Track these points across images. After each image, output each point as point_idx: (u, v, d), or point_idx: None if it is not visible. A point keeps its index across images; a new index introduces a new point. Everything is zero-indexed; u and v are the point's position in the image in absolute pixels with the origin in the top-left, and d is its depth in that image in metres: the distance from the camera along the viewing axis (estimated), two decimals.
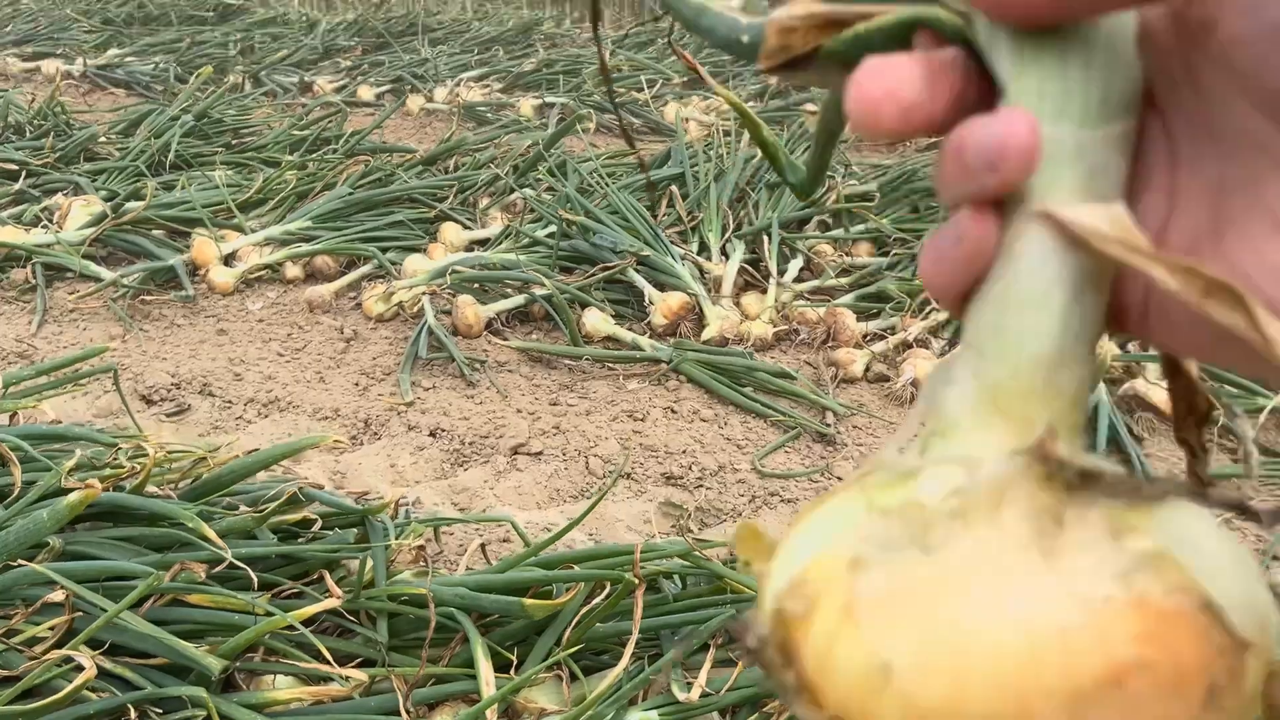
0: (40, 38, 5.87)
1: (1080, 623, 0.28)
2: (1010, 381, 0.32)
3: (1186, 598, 0.29)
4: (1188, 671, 0.28)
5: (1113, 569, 0.29)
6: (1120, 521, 0.30)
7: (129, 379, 2.42)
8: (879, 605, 0.29)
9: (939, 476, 0.31)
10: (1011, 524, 0.29)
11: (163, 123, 3.74)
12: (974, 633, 0.28)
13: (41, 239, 2.94)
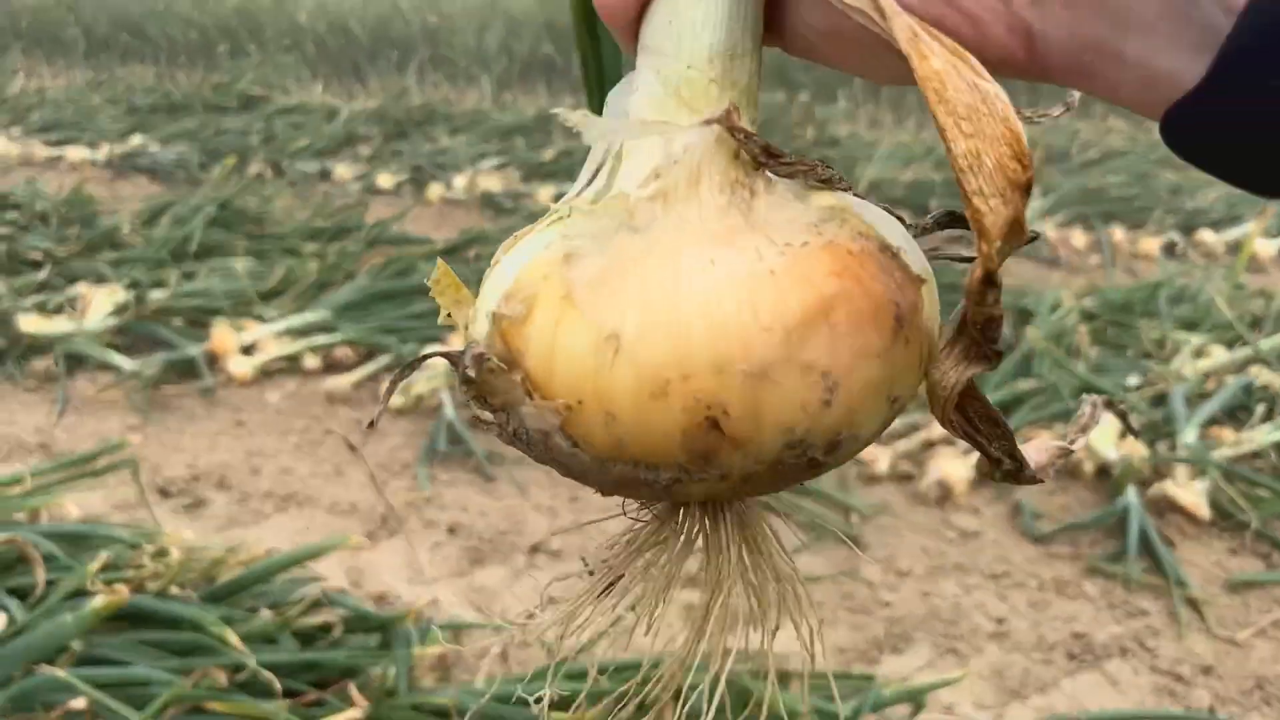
0: (66, 125, 5.98)
1: (784, 266, 0.30)
2: (691, 73, 0.32)
3: (869, 241, 0.32)
4: (879, 302, 0.31)
5: (804, 221, 0.31)
6: (801, 192, 0.33)
7: (147, 470, 2.40)
8: (597, 285, 0.30)
9: (635, 166, 0.32)
10: (709, 196, 0.31)
11: (186, 212, 3.78)
12: (691, 290, 0.29)
13: (64, 328, 2.96)
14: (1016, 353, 2.69)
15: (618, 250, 0.30)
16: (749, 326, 0.29)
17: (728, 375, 0.29)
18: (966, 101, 0.29)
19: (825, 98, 7.05)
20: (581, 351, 0.30)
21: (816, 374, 0.30)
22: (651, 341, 0.29)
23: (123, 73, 8.30)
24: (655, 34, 0.33)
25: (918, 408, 2.57)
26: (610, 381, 0.30)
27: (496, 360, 0.31)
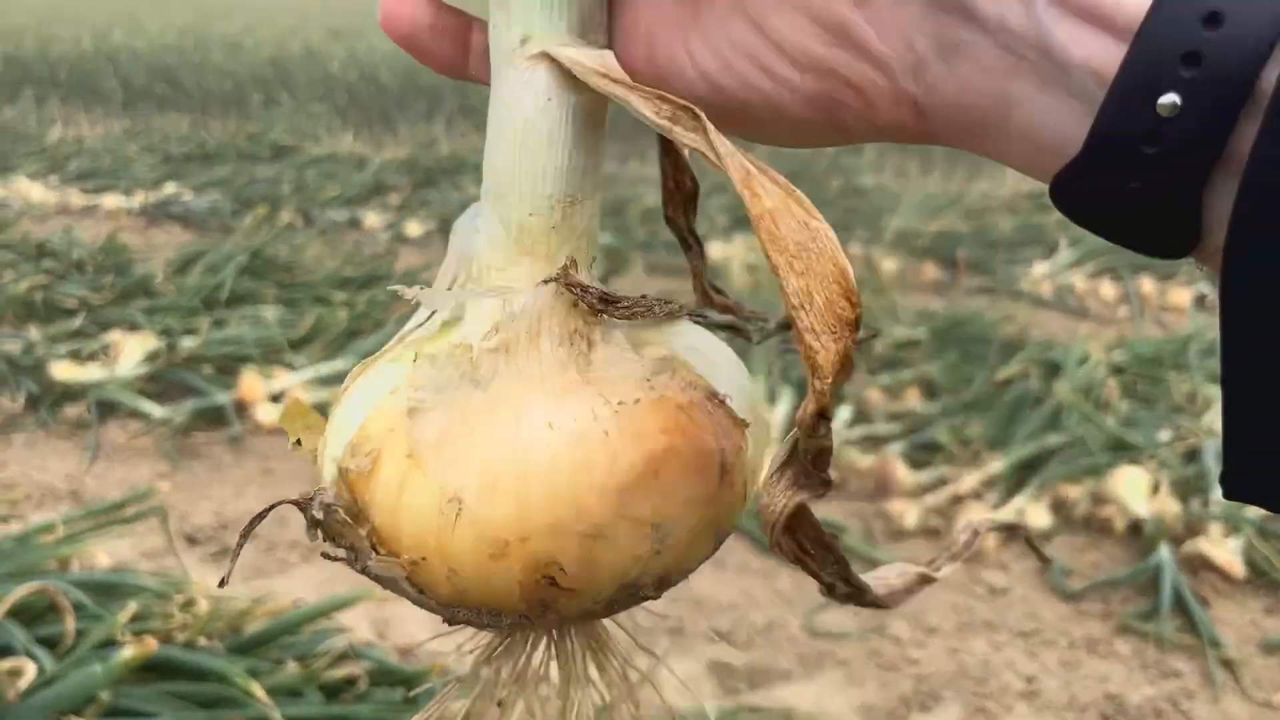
0: (102, 173, 6.10)
1: (617, 426, 0.31)
2: (533, 221, 0.34)
3: (697, 392, 0.33)
4: (705, 452, 0.33)
5: (637, 375, 0.33)
6: (639, 337, 0.34)
7: (175, 518, 2.42)
8: (440, 444, 0.31)
9: (479, 315, 0.33)
10: (549, 349, 0.33)
11: (218, 260, 3.84)
12: (530, 451, 0.31)
13: (97, 375, 2.99)
14: (1045, 407, 2.68)
15: (460, 406, 0.32)
16: (584, 489, 0.31)
17: (564, 537, 0.31)
18: (797, 240, 0.30)
19: (851, 149, 7.09)
20: (425, 512, 0.31)
21: (647, 527, 0.32)
22: (491, 504, 0.31)
23: (158, 122, 8.47)
24: (499, 178, 0.34)
25: (945, 461, 2.56)
26: (452, 542, 0.31)
27: (344, 513, 0.32)
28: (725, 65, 0.32)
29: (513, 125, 0.34)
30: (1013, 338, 3.26)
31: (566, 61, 0.33)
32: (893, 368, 3.04)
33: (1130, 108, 0.27)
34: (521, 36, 0.33)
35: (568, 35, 0.33)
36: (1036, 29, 0.28)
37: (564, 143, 0.34)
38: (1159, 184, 0.28)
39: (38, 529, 2.01)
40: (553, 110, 0.34)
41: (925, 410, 2.82)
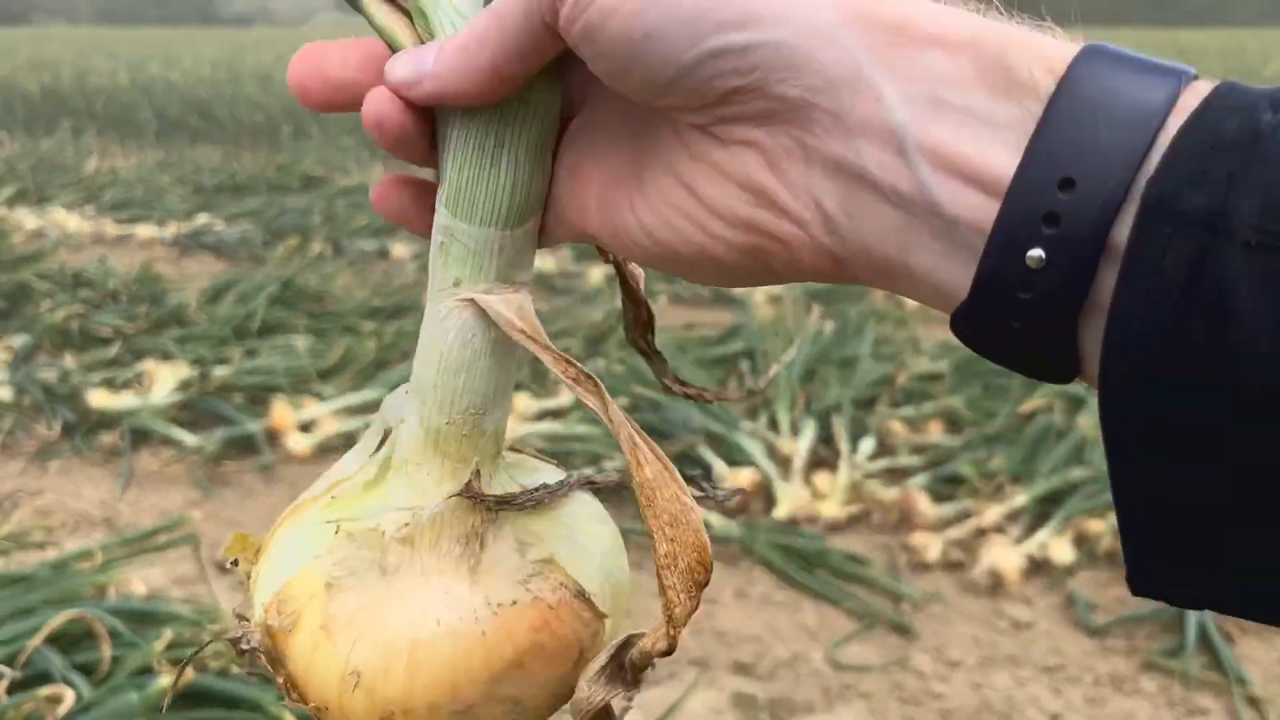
0: (136, 203, 6.22)
1: (493, 625, 0.37)
2: (448, 429, 0.39)
3: (566, 592, 0.39)
4: (567, 644, 0.38)
5: (517, 577, 0.38)
6: (526, 532, 0.39)
7: (206, 545, 2.45)
8: (348, 623, 0.37)
9: (394, 516, 0.39)
10: (447, 548, 0.38)
11: (250, 290, 3.90)
12: (418, 643, 0.37)
13: (131, 403, 3.05)
14: (1068, 440, 2.68)
15: (369, 590, 0.38)
16: (459, 676, 0.37)
17: (439, 713, 0.37)
18: (671, 511, 0.36)
19: None
20: (331, 677, 0.37)
21: (509, 703, 0.38)
22: (384, 682, 0.37)
23: (191, 154, 8.62)
24: (422, 387, 0.39)
25: (968, 494, 2.57)
26: (350, 705, 0.37)
27: (264, 659, 0.39)
28: (665, 222, 0.37)
29: (438, 350, 0.39)
30: None
31: (489, 310, 0.38)
32: (915, 400, 3.05)
33: (1005, 259, 0.31)
34: (454, 279, 0.39)
35: (493, 282, 0.39)
36: (923, 191, 0.32)
37: (480, 371, 0.39)
38: (1035, 326, 0.31)
39: (74, 555, 2.06)
40: (474, 344, 0.39)
41: (948, 443, 2.83)
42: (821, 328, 3.48)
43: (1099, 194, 0.30)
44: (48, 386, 3.12)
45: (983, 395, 3.10)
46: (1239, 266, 0.28)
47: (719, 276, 0.38)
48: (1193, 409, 0.29)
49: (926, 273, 0.33)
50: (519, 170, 0.39)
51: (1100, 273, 0.30)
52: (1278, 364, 0.28)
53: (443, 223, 0.39)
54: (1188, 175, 0.29)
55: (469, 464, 0.39)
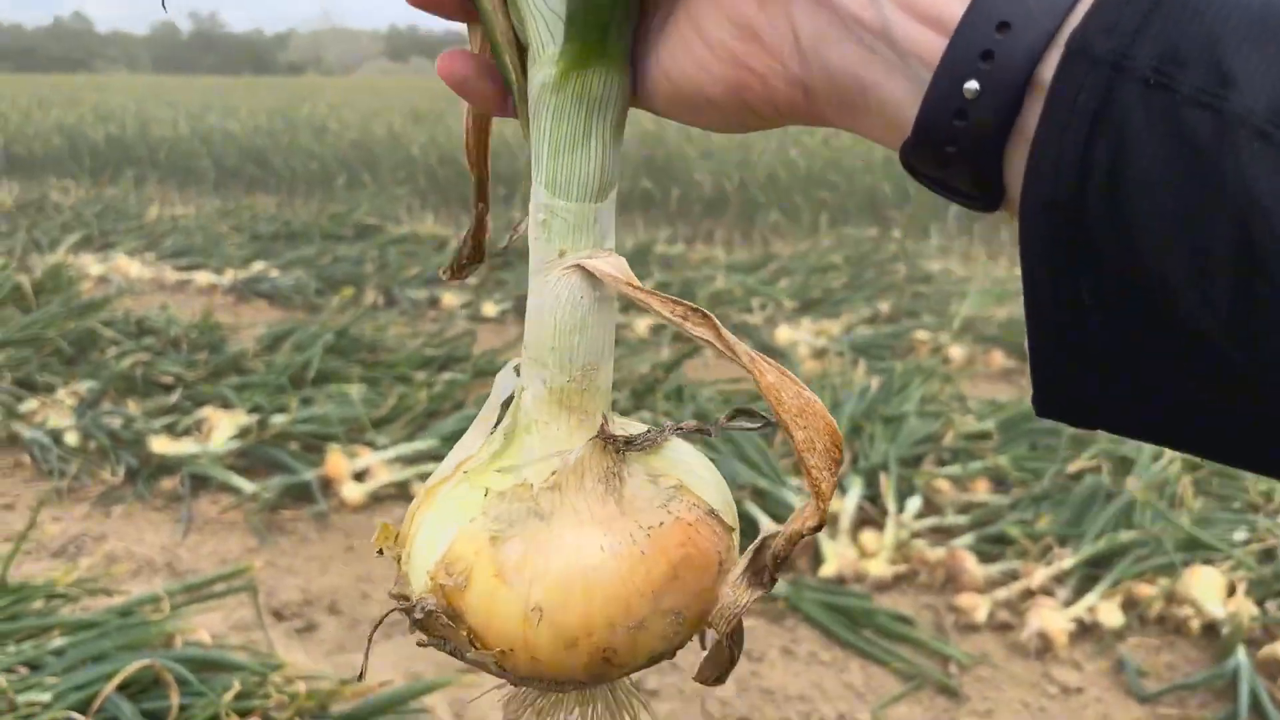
0: (195, 250, 6.39)
1: (649, 546, 0.41)
2: (570, 385, 0.44)
3: (700, 511, 0.43)
4: (709, 556, 0.43)
5: (658, 503, 0.43)
6: (651, 467, 0.44)
7: (262, 592, 2.51)
8: (519, 567, 0.41)
9: (536, 469, 0.43)
10: (591, 487, 0.43)
11: (306, 339, 4.00)
12: (589, 570, 0.41)
13: (190, 450, 3.13)
14: (1118, 502, 2.67)
15: (532, 536, 0.42)
16: (630, 594, 0.41)
17: (617, 630, 0.41)
18: (797, 405, 0.41)
19: (917, 234, 7.15)
20: (513, 618, 0.41)
21: (672, 615, 0.42)
22: (565, 612, 0.41)
23: (248, 201, 8.84)
24: (540, 352, 0.45)
25: (1016, 554, 2.57)
26: (535, 639, 0.41)
27: (444, 617, 0.42)
28: (677, 62, 0.42)
29: (553, 315, 0.44)
30: (1083, 431, 3.25)
31: (596, 272, 0.44)
32: (962, 458, 3.06)
33: (946, 90, 0.36)
34: (559, 250, 0.44)
35: (592, 249, 0.44)
36: (885, 25, 0.37)
37: (592, 329, 0.44)
38: (968, 150, 0.36)
39: (140, 601, 2.12)
40: (584, 305, 0.44)
41: (995, 502, 2.83)
42: (867, 384, 3.49)
43: (1028, 36, 0.34)
44: (112, 432, 3.22)
45: (1030, 454, 3.09)
46: (1135, 101, 0.32)
47: (712, 118, 0.43)
48: (1095, 231, 0.33)
49: (882, 105, 0.38)
50: (606, 151, 0.44)
51: (1026, 107, 0.35)
52: (1163, 188, 0.32)
53: (543, 201, 0.44)
54: (1103, 25, 0.33)
55: (592, 415, 0.45)
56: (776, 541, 0.42)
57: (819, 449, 0.41)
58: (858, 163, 7.90)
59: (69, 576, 2.20)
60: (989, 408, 3.44)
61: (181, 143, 10.35)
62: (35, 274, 4.82)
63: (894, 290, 5.31)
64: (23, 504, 3.03)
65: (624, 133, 0.46)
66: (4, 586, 2.08)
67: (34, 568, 2.64)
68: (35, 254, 6.34)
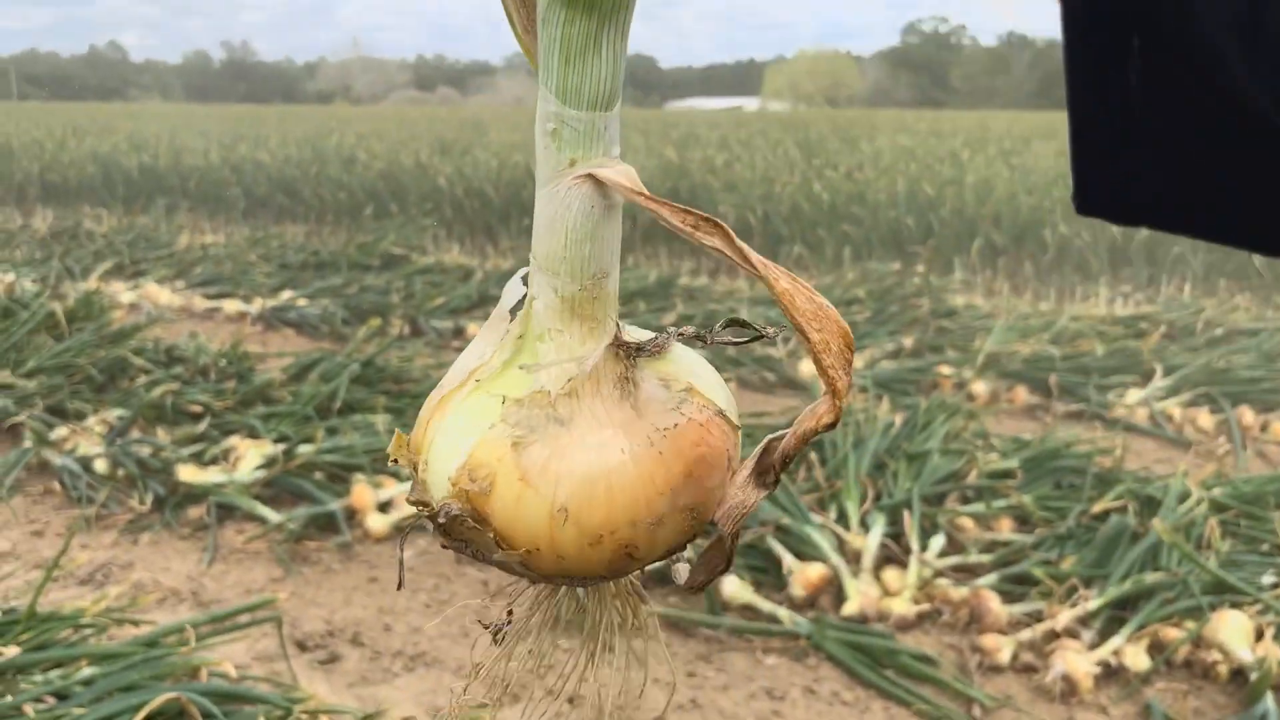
0: (224, 279, 6.47)
1: (667, 446, 0.43)
2: (581, 294, 0.45)
3: (710, 411, 0.45)
4: (720, 454, 0.45)
5: (671, 405, 0.44)
6: (660, 371, 0.46)
7: (286, 623, 2.53)
8: (543, 470, 0.42)
9: (552, 376, 0.44)
10: (607, 392, 0.44)
11: (332, 369, 4.04)
12: (611, 471, 0.42)
13: (217, 479, 3.17)
14: (1144, 543, 2.65)
15: (553, 440, 0.43)
16: (650, 493, 0.42)
17: (639, 527, 0.43)
18: (809, 309, 0.42)
19: (941, 268, 7.14)
20: (539, 519, 0.42)
21: (687, 511, 0.44)
22: (589, 510, 0.42)
23: (276, 231, 8.95)
24: (551, 262, 0.45)
25: (1040, 596, 2.55)
26: (561, 538, 0.42)
27: (470, 520, 0.44)
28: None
29: (564, 224, 0.44)
30: (1108, 469, 3.24)
31: (608, 180, 0.44)
32: (986, 496, 3.04)
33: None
34: (570, 160, 0.44)
35: (603, 158, 0.45)
36: None
37: (603, 238, 0.45)
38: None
39: (166, 631, 2.14)
40: (595, 214, 0.44)
41: (1019, 541, 2.82)
42: (891, 420, 3.49)
43: None
44: (141, 460, 3.25)
45: (1054, 493, 3.08)
46: None
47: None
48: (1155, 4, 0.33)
49: None
50: (616, 60, 0.44)
51: None
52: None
53: (553, 110, 0.44)
54: None
55: (602, 322, 0.46)
56: (786, 441, 0.44)
57: (834, 349, 0.42)
58: (881, 196, 7.92)
59: (97, 606, 2.23)
60: (1013, 445, 3.42)
61: (212, 172, 10.49)
62: (68, 301, 4.90)
63: (918, 325, 5.30)
64: (52, 530, 3.06)
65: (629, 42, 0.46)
66: (33, 615, 2.11)
67: (61, 595, 2.67)
68: (68, 281, 6.44)
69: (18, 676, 1.83)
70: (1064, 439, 3.41)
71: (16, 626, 2.05)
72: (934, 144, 13.01)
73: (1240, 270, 6.65)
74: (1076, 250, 6.92)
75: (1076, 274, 6.94)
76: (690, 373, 0.47)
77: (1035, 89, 59.48)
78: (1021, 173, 9.07)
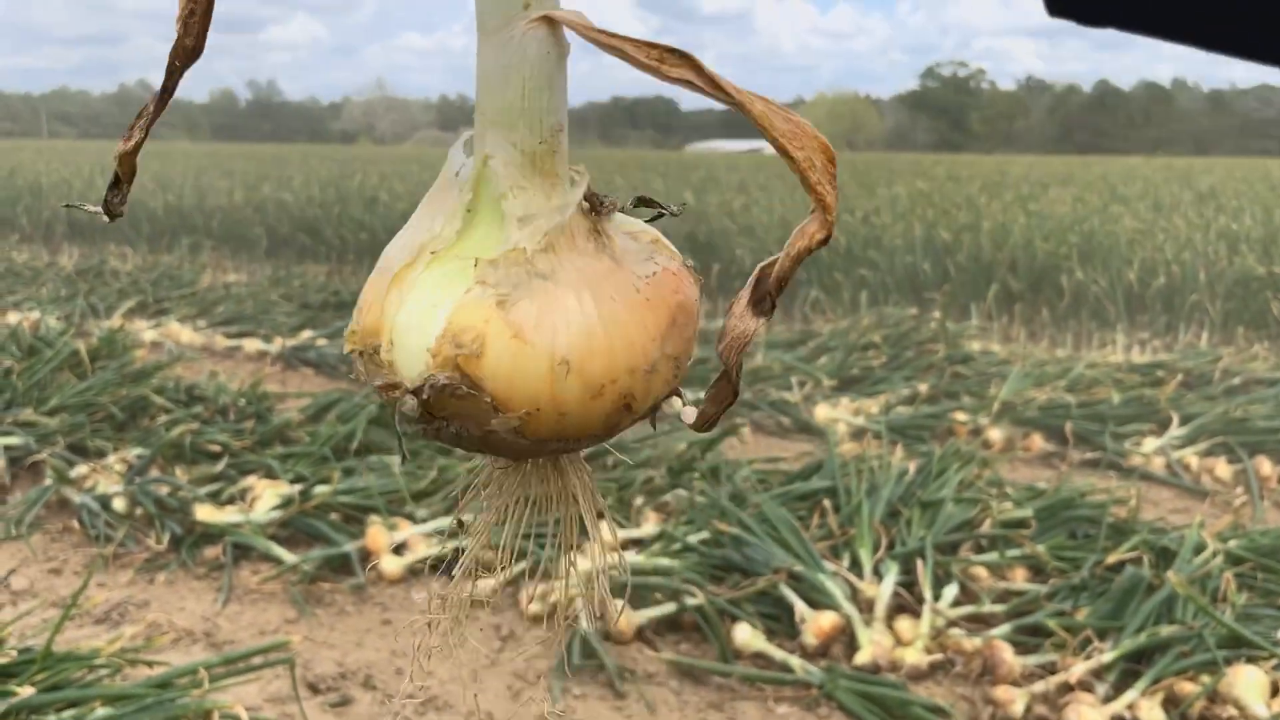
0: (245, 318, 6.54)
1: (650, 293, 0.43)
2: (542, 148, 0.43)
3: (676, 261, 0.45)
4: (694, 301, 0.45)
5: (644, 256, 0.44)
6: (624, 225, 0.45)
7: (299, 664, 2.54)
8: (537, 325, 0.41)
9: (524, 234, 0.42)
10: (583, 245, 0.43)
11: (350, 410, 4.07)
12: (605, 318, 0.41)
13: (233, 519, 3.19)
14: (1159, 595, 2.64)
15: (541, 295, 0.41)
16: (644, 340, 0.42)
17: (636, 375, 0.42)
18: (787, 129, 0.41)
19: (957, 313, 7.14)
20: (539, 375, 0.41)
21: (672, 359, 0.44)
22: (590, 360, 0.41)
23: (298, 270, 9.05)
24: (509, 115, 0.43)
25: (1054, 648, 2.53)
26: (563, 392, 0.41)
27: (463, 387, 0.41)
28: None
29: (520, 73, 0.42)
30: (1124, 519, 3.22)
31: (565, 21, 0.42)
32: (999, 546, 3.03)
33: None
34: (524, 3, 0.42)
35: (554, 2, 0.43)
36: None
37: (559, 87, 0.43)
38: None
39: (180, 673, 2.16)
40: (551, 60, 0.42)
41: (1033, 591, 2.80)
42: (905, 467, 3.49)
43: None
44: (159, 499, 3.28)
45: (1069, 543, 3.06)
46: None
47: None
48: None
49: None
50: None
51: None
52: None
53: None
54: None
55: (562, 178, 0.44)
56: (780, 264, 0.42)
57: (818, 165, 0.41)
58: (898, 241, 7.95)
59: (113, 646, 2.24)
60: (1028, 494, 3.42)
61: (236, 211, 10.63)
62: (92, 339, 4.96)
63: (933, 370, 5.30)
64: (69, 568, 3.09)
65: None
66: (49, 655, 2.13)
67: (77, 634, 2.69)
68: (92, 319, 6.52)
69: (32, 717, 1.85)
70: (1079, 488, 3.40)
71: (32, 666, 2.07)
72: (951, 189, 13.06)
73: (1259, 319, 6.63)
74: (1093, 297, 6.91)
75: (1093, 320, 6.93)
76: (644, 228, 0.46)
77: (1054, 133, 59.61)
78: (1038, 218, 9.09)
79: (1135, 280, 6.92)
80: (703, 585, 2.75)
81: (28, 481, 3.67)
